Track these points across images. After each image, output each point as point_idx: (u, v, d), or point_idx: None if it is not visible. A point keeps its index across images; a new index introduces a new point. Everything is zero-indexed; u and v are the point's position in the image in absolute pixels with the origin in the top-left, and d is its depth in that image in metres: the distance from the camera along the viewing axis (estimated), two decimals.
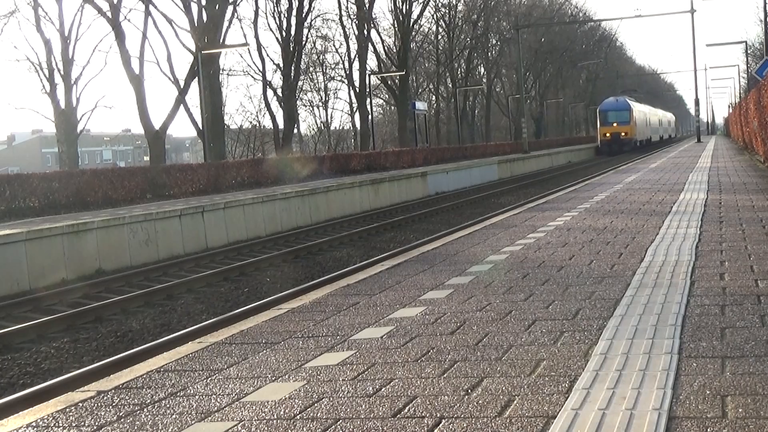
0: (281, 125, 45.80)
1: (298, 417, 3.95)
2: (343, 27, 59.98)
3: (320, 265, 15.78)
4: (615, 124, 67.92)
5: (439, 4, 65.38)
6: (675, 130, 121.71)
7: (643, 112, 76.96)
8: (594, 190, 18.47)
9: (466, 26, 70.12)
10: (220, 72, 41.54)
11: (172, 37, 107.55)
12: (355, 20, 53.76)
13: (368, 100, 52.28)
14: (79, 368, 8.56)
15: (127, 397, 4.49)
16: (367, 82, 51.80)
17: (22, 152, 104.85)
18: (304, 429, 3.78)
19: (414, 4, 56.65)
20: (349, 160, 36.59)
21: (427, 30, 67.43)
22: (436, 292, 6.90)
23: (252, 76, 61.52)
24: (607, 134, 68.47)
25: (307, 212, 23.47)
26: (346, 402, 4.11)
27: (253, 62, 76.65)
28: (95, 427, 4.03)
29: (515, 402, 3.94)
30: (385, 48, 59.78)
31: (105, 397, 4.52)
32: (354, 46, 54.94)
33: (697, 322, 5.30)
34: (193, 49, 36.20)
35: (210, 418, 4.05)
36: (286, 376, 4.66)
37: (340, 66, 61.81)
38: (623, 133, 67.62)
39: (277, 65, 46.85)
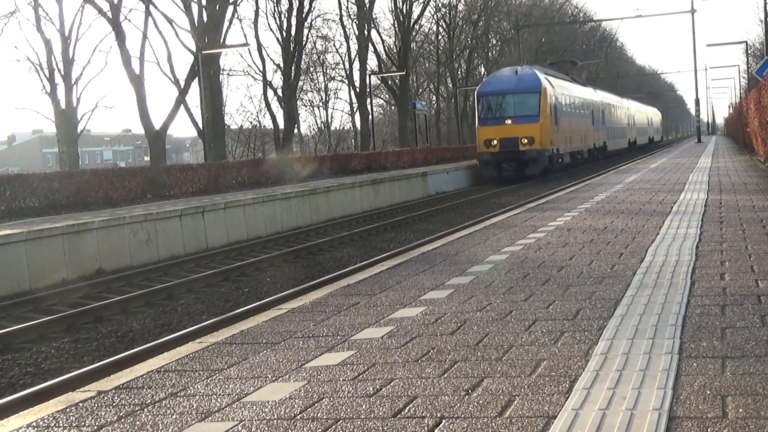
0: (281, 125, 45.80)
1: (298, 417, 3.95)
2: (344, 27, 60.01)
3: (320, 265, 15.78)
4: (508, 122, 35.44)
5: (440, 4, 65.36)
6: (660, 131, 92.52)
7: (580, 98, 43.97)
8: (594, 190, 18.47)
9: (466, 26, 70.12)
10: (221, 72, 41.54)
11: (173, 37, 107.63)
12: (355, 20, 53.77)
13: (368, 100, 52.29)
14: (80, 368, 8.56)
15: (127, 397, 4.49)
16: (368, 82, 51.80)
17: (23, 152, 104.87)
18: (305, 429, 3.78)
19: (414, 4, 56.68)
20: (349, 160, 36.60)
21: (427, 30, 67.45)
22: (436, 292, 6.90)
23: (252, 77, 61.51)
24: (493, 141, 35.47)
25: (307, 212, 23.47)
26: (347, 402, 4.11)
27: (254, 62, 76.64)
28: (95, 427, 4.03)
29: (515, 402, 3.94)
30: (386, 48, 59.80)
31: (105, 397, 4.52)
32: (354, 46, 54.95)
33: (697, 322, 5.30)
34: (194, 49, 36.21)
35: (210, 418, 4.05)
36: (287, 376, 4.66)
37: (341, 66, 61.84)
38: (524, 140, 34.91)
39: (278, 65, 46.88)
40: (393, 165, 38.87)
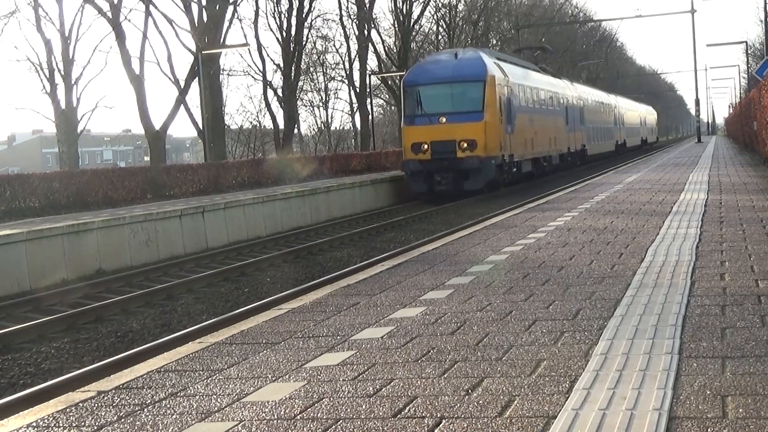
0: (281, 125, 45.78)
1: (298, 417, 3.95)
2: (344, 27, 59.95)
3: (320, 265, 15.77)
4: (443, 120, 27.56)
5: (440, 4, 65.30)
6: (655, 131, 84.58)
7: (548, 91, 36.15)
8: (594, 191, 18.47)
9: (466, 26, 70.08)
10: (221, 72, 41.51)
11: (173, 37, 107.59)
12: (355, 20, 53.77)
13: (368, 100, 52.29)
14: (80, 368, 8.56)
15: (127, 397, 4.49)
16: (368, 82, 51.80)
17: (23, 152, 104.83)
18: (305, 429, 3.78)
19: (414, 4, 56.60)
20: (349, 160, 36.60)
21: (427, 30, 67.40)
22: (436, 292, 6.91)
23: (252, 77, 61.39)
24: (423, 146, 27.65)
25: (307, 212, 23.47)
26: (347, 402, 4.11)
27: (254, 62, 76.51)
28: (95, 428, 4.03)
29: (516, 402, 3.94)
30: (386, 48, 59.73)
31: (105, 398, 4.52)
32: (354, 46, 54.93)
33: (697, 322, 5.30)
34: (194, 49, 36.20)
35: (210, 418, 4.05)
36: (287, 377, 4.66)
37: (341, 66, 61.80)
38: (464, 144, 27.09)
39: (278, 65, 46.83)
40: (393, 165, 38.85)
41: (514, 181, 30.19)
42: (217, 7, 37.80)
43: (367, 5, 52.52)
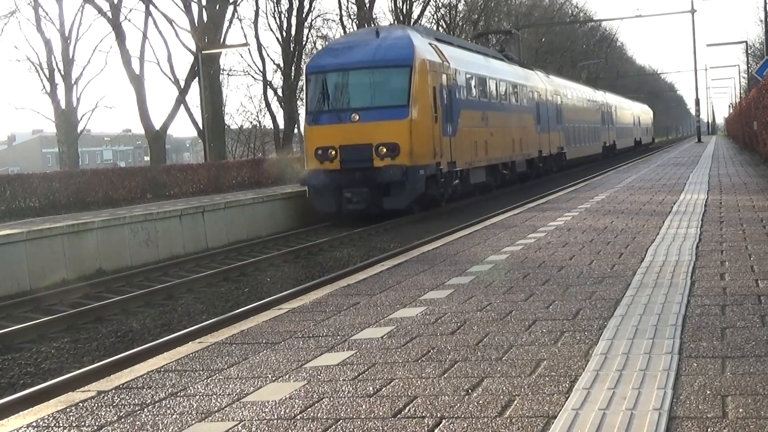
0: (282, 125, 45.81)
1: (298, 417, 3.95)
2: (344, 27, 59.87)
3: (320, 265, 15.77)
4: (356, 118, 20.68)
5: (440, 4, 65.31)
6: (650, 132, 78.32)
7: (510, 83, 29.77)
8: (594, 190, 18.47)
9: (466, 26, 70.09)
10: (221, 72, 41.54)
11: (173, 37, 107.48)
12: (355, 20, 53.76)
13: None
14: (80, 368, 8.55)
15: (127, 397, 4.49)
16: None
17: (23, 152, 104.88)
18: (305, 429, 3.78)
19: (414, 4, 56.65)
20: None
21: None
22: (436, 292, 6.90)
23: (252, 76, 61.32)
24: (331, 151, 20.69)
25: (307, 212, 23.44)
26: (347, 402, 4.11)
27: (254, 62, 76.37)
28: (95, 427, 4.03)
29: (516, 402, 3.94)
30: None
31: (105, 397, 4.52)
32: None
33: (697, 322, 5.30)
34: (194, 49, 36.24)
35: (210, 418, 4.05)
36: (287, 376, 4.66)
37: None
38: (383, 149, 20.41)
39: (278, 65, 46.85)
40: None
41: (460, 196, 24.27)
42: (217, 7, 37.83)
43: (367, 5, 52.51)
